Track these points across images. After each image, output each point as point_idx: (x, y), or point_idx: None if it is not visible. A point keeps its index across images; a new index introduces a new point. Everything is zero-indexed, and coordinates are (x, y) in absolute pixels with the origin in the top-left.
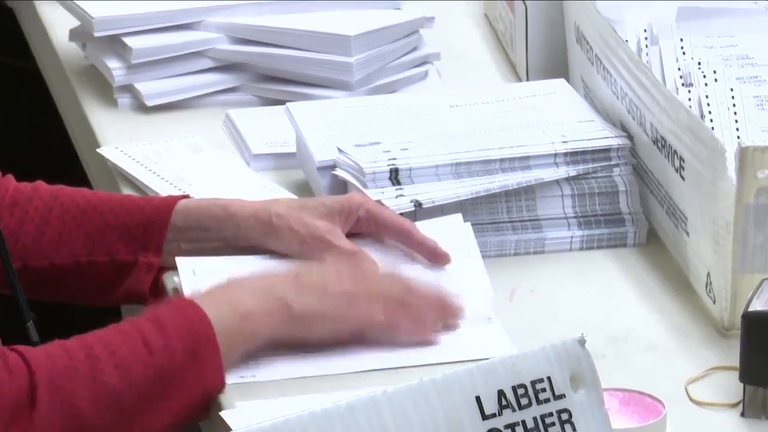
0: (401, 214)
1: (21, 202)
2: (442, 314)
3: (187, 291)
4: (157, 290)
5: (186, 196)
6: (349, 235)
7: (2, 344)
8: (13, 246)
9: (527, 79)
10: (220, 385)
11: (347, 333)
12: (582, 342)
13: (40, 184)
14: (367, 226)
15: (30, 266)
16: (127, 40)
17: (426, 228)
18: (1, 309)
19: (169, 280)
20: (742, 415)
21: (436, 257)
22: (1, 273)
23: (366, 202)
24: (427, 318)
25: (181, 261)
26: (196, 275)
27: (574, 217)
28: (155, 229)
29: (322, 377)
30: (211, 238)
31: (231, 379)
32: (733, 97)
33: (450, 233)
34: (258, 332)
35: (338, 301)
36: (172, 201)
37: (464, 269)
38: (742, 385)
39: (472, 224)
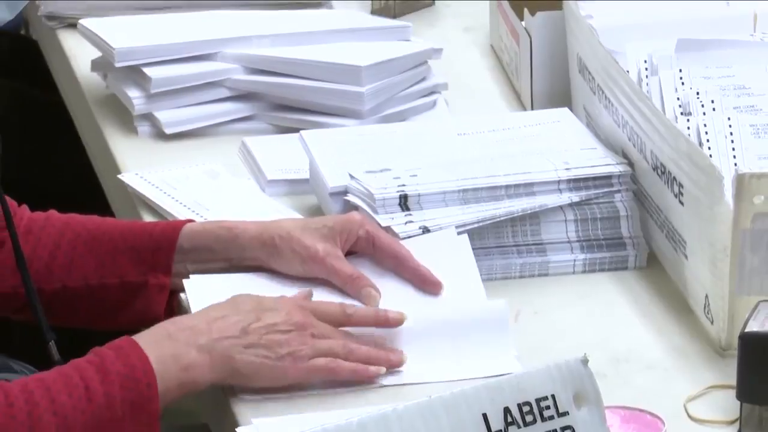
0: (410, 238)
1: (35, 230)
2: (385, 359)
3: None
4: (173, 314)
5: (192, 221)
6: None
7: (21, 365)
8: (30, 270)
9: (532, 108)
10: None
11: (289, 383)
12: (585, 361)
13: (53, 212)
14: (366, 247)
15: (44, 290)
16: (146, 70)
17: (421, 244)
18: (23, 330)
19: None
20: None
21: (428, 285)
22: (21, 297)
23: (365, 223)
24: (370, 360)
25: (188, 282)
26: (203, 294)
27: (577, 241)
28: (163, 251)
29: (334, 394)
30: (216, 258)
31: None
32: (730, 126)
33: (445, 247)
34: (198, 382)
35: (281, 361)
36: (178, 224)
37: (460, 284)
38: (739, 403)
39: (479, 248)
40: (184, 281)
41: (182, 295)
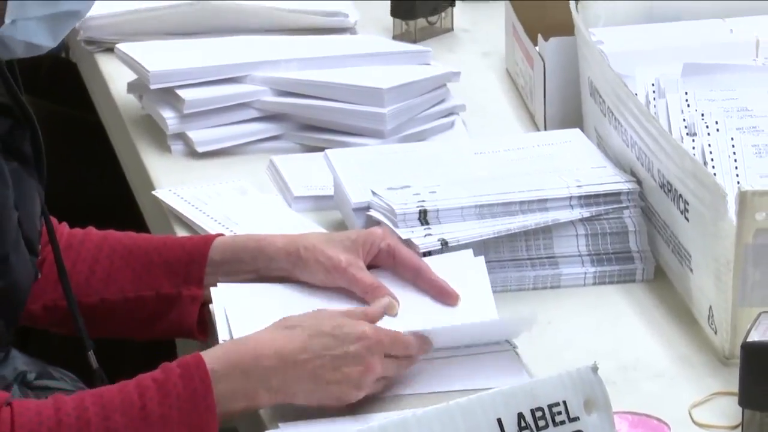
0: (428, 252)
1: (74, 245)
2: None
3: (220, 317)
4: (205, 324)
5: (222, 234)
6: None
7: (61, 372)
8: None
9: (545, 129)
10: None
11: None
12: (595, 369)
13: (91, 229)
14: (387, 259)
15: (83, 302)
16: (180, 92)
17: (439, 262)
18: (61, 338)
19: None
20: None
21: (445, 297)
22: (62, 309)
23: (387, 237)
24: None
25: (215, 290)
26: (229, 302)
27: (588, 255)
28: (195, 264)
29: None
30: (245, 270)
31: None
32: (733, 146)
33: (461, 266)
34: (247, 409)
35: (344, 396)
36: (210, 238)
37: (473, 301)
38: (741, 409)
39: (494, 261)
40: (211, 289)
41: (212, 290)
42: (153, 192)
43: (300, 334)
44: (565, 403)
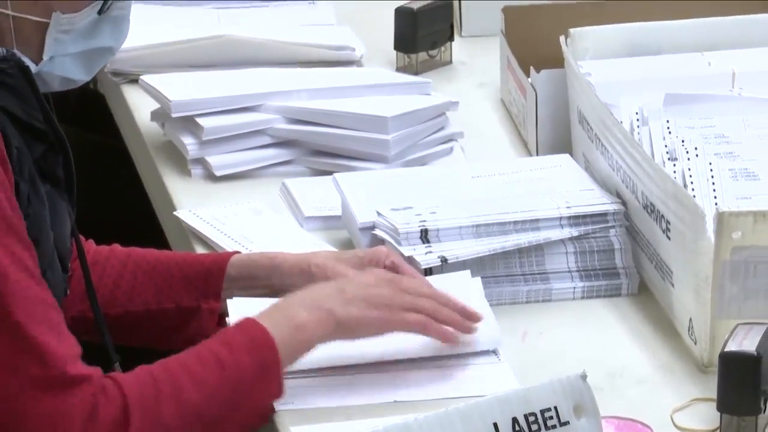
0: (430, 268)
1: (100, 261)
2: (466, 327)
3: None
4: None
5: (238, 252)
6: None
7: None
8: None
9: (537, 154)
10: (281, 393)
11: (384, 333)
12: (584, 377)
13: (116, 246)
14: None
15: (109, 314)
16: (199, 120)
17: (439, 281)
18: (91, 352)
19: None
20: None
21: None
22: (89, 321)
23: (391, 255)
24: (453, 323)
25: (231, 303)
26: (244, 314)
27: (577, 271)
28: (213, 279)
29: (360, 406)
30: (260, 285)
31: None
32: (711, 170)
33: (460, 286)
34: (310, 340)
35: (377, 310)
36: (227, 255)
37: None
38: (719, 414)
39: (490, 276)
40: (228, 301)
41: (228, 302)
42: (174, 212)
43: (318, 282)
44: (556, 408)
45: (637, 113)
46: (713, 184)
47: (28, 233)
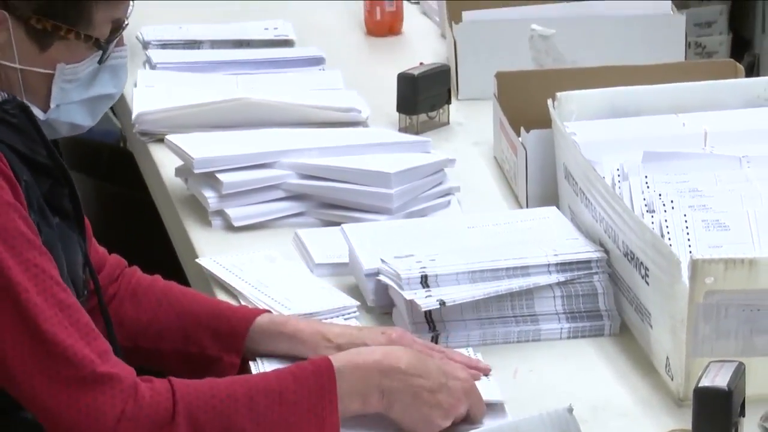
0: (429, 311)
1: (139, 294)
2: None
3: None
4: None
5: (266, 311)
6: None
7: None
8: (130, 328)
9: (527, 206)
10: None
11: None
12: (570, 410)
13: (157, 277)
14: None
15: (141, 346)
16: (219, 175)
17: None
18: None
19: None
20: None
21: (474, 369)
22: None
23: (415, 339)
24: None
25: (254, 365)
26: None
27: (563, 313)
28: (237, 337)
29: None
30: (279, 350)
31: None
32: (686, 221)
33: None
34: (361, 411)
35: (419, 411)
36: (252, 315)
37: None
38: None
39: (484, 318)
40: (251, 363)
41: (251, 364)
42: (196, 260)
43: (415, 355)
44: None
45: (618, 169)
46: (688, 234)
47: None
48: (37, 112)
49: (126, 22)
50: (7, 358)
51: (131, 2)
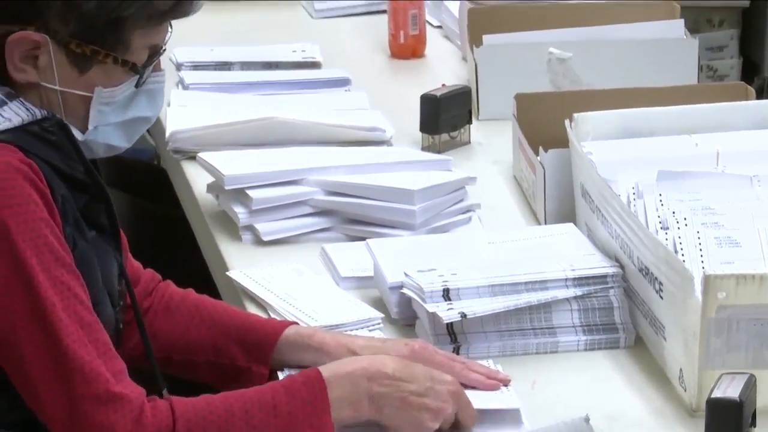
0: (451, 323)
1: (172, 308)
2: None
3: None
4: None
5: (294, 323)
6: None
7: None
8: (163, 341)
9: (545, 223)
10: None
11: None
12: (586, 419)
13: (190, 292)
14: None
15: (173, 358)
16: (249, 192)
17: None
18: (141, 379)
19: None
20: None
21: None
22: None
23: (436, 350)
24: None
25: (282, 375)
26: None
27: (580, 326)
28: (265, 349)
29: None
30: (305, 362)
31: None
32: (699, 238)
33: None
34: (353, 418)
35: (408, 415)
36: (281, 327)
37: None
38: None
39: (504, 330)
40: (279, 374)
41: (279, 375)
42: (227, 273)
43: (401, 360)
44: None
45: (633, 188)
46: (700, 250)
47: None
48: (76, 132)
49: (163, 49)
50: (27, 367)
51: (169, 29)
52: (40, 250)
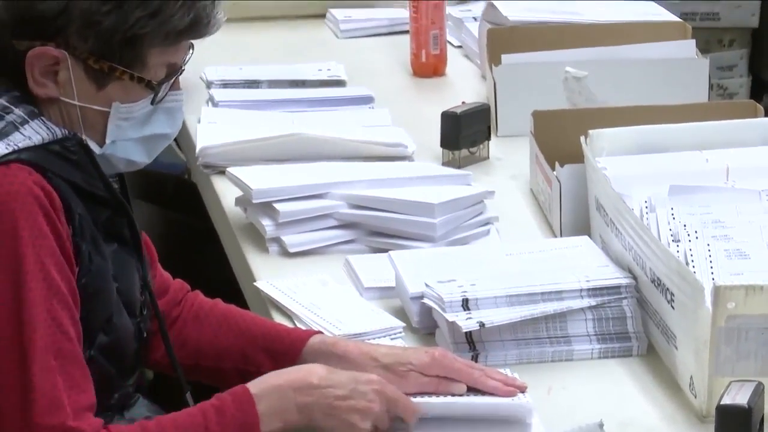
0: (470, 332)
1: (200, 316)
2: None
3: None
4: None
5: (318, 332)
6: None
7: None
8: (192, 348)
9: (561, 236)
10: None
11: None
12: (600, 425)
13: (218, 301)
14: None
15: (202, 365)
16: (276, 205)
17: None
18: (165, 383)
19: None
20: None
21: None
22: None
23: (455, 358)
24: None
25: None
26: None
27: (594, 335)
28: (290, 357)
29: None
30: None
31: None
32: (709, 250)
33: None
34: (285, 428)
35: (338, 418)
36: (306, 336)
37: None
38: None
39: (521, 339)
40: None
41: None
42: (254, 283)
43: (327, 368)
44: None
45: (645, 202)
46: (711, 262)
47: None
48: (94, 146)
49: (182, 68)
50: None
51: (190, 50)
52: (36, 276)
